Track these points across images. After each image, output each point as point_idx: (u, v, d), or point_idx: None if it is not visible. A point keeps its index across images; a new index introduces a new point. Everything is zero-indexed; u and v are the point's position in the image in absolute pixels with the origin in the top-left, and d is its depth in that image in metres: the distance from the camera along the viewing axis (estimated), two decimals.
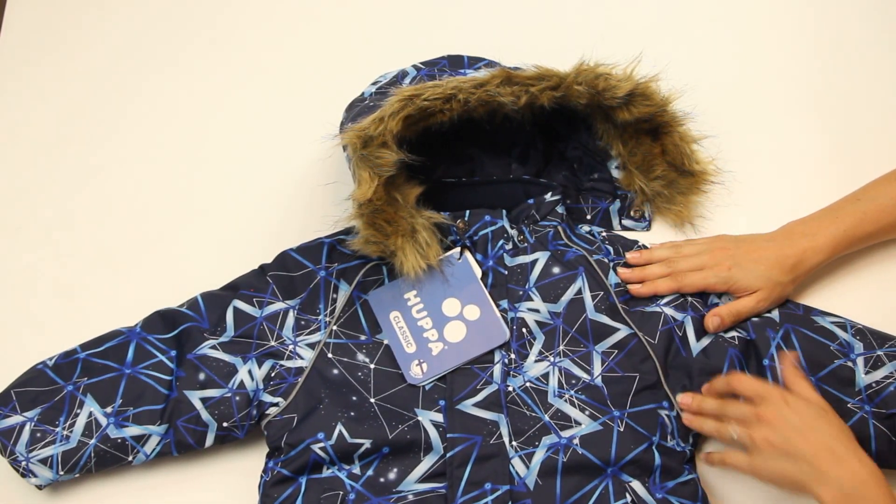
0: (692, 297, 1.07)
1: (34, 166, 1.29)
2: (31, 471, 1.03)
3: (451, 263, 1.09)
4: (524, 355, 1.06)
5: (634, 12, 1.34)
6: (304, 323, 1.09)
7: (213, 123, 1.31)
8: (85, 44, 1.39)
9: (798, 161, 1.21)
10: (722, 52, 1.29)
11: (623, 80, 1.06)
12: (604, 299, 1.07)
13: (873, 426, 0.99)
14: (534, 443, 1.02)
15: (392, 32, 1.36)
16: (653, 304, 1.07)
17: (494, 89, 1.02)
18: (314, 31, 1.38)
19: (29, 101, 1.35)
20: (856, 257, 1.13)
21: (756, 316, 1.06)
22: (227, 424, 1.05)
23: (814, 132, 1.23)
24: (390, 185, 1.03)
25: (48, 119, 1.33)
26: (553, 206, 1.12)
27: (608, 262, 1.10)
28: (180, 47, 1.37)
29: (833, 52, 1.28)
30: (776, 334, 1.04)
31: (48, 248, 1.23)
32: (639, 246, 1.12)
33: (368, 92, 1.09)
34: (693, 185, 1.14)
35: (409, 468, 1.02)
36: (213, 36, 1.38)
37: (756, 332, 1.04)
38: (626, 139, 1.13)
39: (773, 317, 1.06)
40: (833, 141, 1.22)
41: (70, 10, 1.42)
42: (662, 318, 1.06)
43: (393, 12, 1.38)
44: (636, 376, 1.04)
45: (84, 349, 1.08)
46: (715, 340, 1.05)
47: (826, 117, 1.24)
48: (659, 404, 1.04)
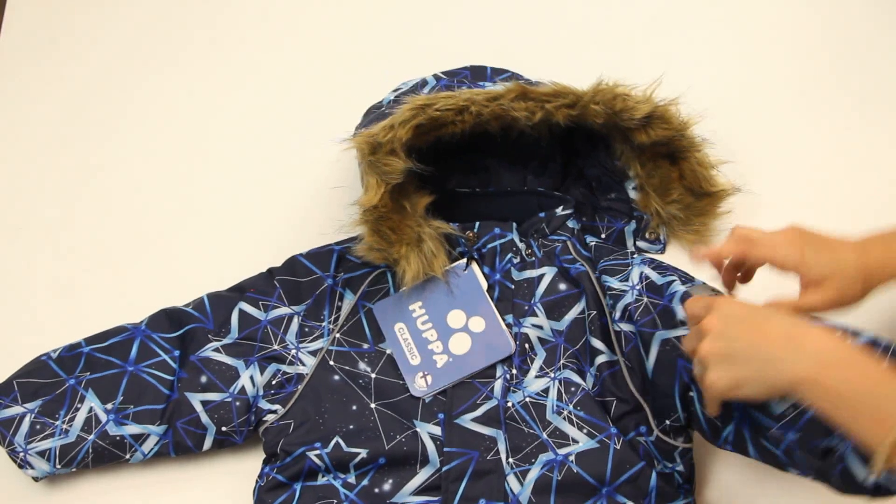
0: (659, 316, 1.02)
1: (34, 166, 1.31)
2: (28, 462, 1.03)
3: (456, 275, 1.08)
4: (525, 371, 1.05)
5: (657, 35, 1.33)
6: (308, 330, 1.09)
7: (213, 123, 1.32)
8: (85, 44, 1.41)
9: (820, 187, 1.19)
10: (743, 77, 1.28)
11: (642, 101, 1.05)
12: (595, 319, 1.06)
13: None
14: (530, 460, 1.00)
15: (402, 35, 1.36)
16: (624, 322, 1.04)
17: (508, 103, 1.02)
18: (321, 31, 1.38)
19: (29, 101, 1.36)
20: None
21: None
22: (226, 429, 1.05)
23: (836, 158, 1.21)
24: (399, 194, 1.03)
25: (48, 119, 1.34)
26: (564, 220, 1.11)
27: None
28: (181, 47, 1.39)
29: (856, 79, 1.26)
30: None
31: (48, 248, 1.24)
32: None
33: (387, 99, 1.10)
34: (710, 205, 1.13)
35: (404, 480, 1.01)
36: (214, 36, 1.39)
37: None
38: (644, 161, 1.12)
39: None
40: (857, 166, 1.20)
41: (70, 10, 1.44)
42: (626, 336, 1.03)
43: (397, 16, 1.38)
44: (613, 400, 1.02)
45: (88, 343, 1.08)
46: (662, 348, 1.00)
47: (849, 144, 1.22)
48: (637, 430, 1.01)
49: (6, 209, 1.28)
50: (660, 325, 1.00)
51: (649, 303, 1.02)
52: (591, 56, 1.29)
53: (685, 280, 1.03)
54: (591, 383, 1.04)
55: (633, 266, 1.07)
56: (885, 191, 1.18)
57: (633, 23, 1.34)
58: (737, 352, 0.82)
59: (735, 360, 0.82)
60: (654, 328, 1.00)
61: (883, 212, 1.16)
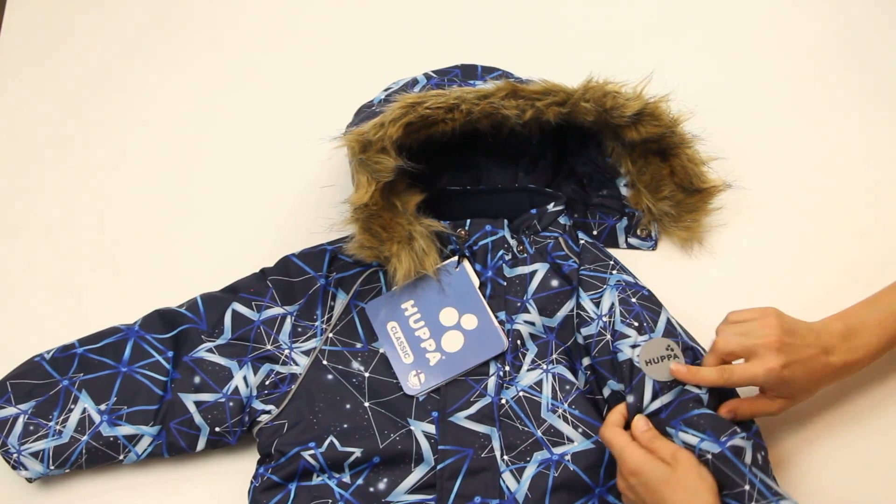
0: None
1: (34, 166, 1.31)
2: (22, 463, 1.03)
3: (448, 273, 1.09)
4: (518, 367, 1.05)
5: (646, 32, 1.33)
6: (301, 330, 1.09)
7: (213, 123, 1.32)
8: (85, 44, 1.40)
9: (811, 183, 1.19)
10: (733, 73, 1.28)
11: (632, 98, 1.05)
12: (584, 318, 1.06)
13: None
14: (525, 458, 1.00)
15: (394, 35, 1.36)
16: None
17: (499, 101, 1.02)
18: (317, 31, 1.38)
19: (29, 101, 1.36)
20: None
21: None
22: (220, 429, 1.05)
23: (827, 154, 1.21)
24: (390, 192, 1.03)
25: (48, 119, 1.34)
26: (555, 216, 1.11)
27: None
28: (181, 47, 1.39)
29: (848, 74, 1.26)
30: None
31: (48, 248, 1.24)
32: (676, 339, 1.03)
33: (378, 98, 1.10)
34: (701, 201, 1.13)
35: (399, 479, 1.01)
36: (214, 36, 1.39)
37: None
38: (635, 158, 1.12)
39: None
40: (848, 162, 1.20)
41: (70, 10, 1.44)
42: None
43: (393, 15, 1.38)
44: (606, 400, 1.02)
45: (82, 344, 1.08)
46: (613, 396, 1.01)
47: (841, 140, 1.22)
48: None
49: (6, 209, 1.28)
50: (613, 374, 1.00)
51: (608, 344, 1.02)
52: (581, 54, 1.29)
53: (644, 329, 1.01)
54: (582, 381, 1.04)
55: (607, 288, 1.05)
56: (875, 187, 1.18)
57: (623, 21, 1.34)
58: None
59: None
60: (607, 373, 1.01)
61: (872, 208, 1.17)
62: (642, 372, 0.97)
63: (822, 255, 1.15)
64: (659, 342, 0.99)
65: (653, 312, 1.02)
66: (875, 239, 1.15)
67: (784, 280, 1.13)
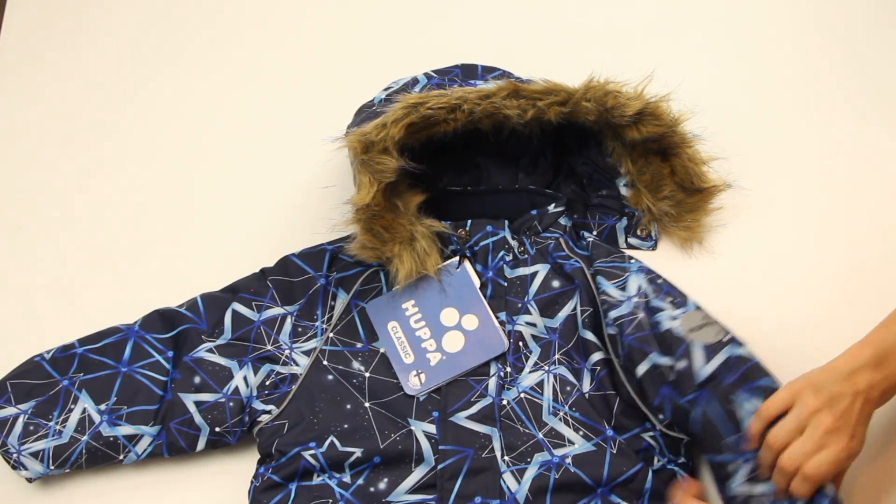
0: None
1: (34, 166, 1.30)
2: (22, 463, 1.03)
3: (449, 273, 1.09)
4: (519, 368, 1.05)
5: (647, 32, 1.33)
6: (301, 330, 1.09)
7: (213, 123, 1.31)
8: (85, 44, 1.40)
9: (811, 183, 1.19)
10: (734, 73, 1.28)
11: (633, 98, 1.06)
12: (591, 315, 1.06)
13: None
14: (526, 459, 1.00)
15: (396, 34, 1.36)
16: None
17: (500, 101, 1.02)
18: (318, 31, 1.38)
19: (29, 101, 1.36)
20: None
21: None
22: (220, 429, 1.05)
23: (827, 154, 1.21)
24: (391, 192, 1.03)
25: (48, 119, 1.34)
26: (556, 217, 1.11)
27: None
28: (181, 47, 1.38)
29: (848, 74, 1.27)
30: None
31: (48, 248, 1.24)
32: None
33: (378, 98, 1.10)
34: (701, 201, 1.13)
35: (399, 479, 1.01)
36: (214, 36, 1.39)
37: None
38: (636, 158, 1.12)
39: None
40: (848, 162, 1.20)
41: (70, 10, 1.43)
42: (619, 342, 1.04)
43: (396, 14, 1.38)
44: (617, 395, 1.03)
45: (82, 344, 1.08)
46: (652, 370, 1.01)
47: (841, 140, 1.22)
48: (643, 426, 1.02)
49: (6, 209, 1.27)
50: (655, 347, 1.01)
51: (644, 320, 1.02)
52: (582, 54, 1.29)
53: (678, 304, 1.03)
54: (588, 380, 1.04)
55: (630, 273, 1.06)
56: (875, 187, 1.18)
57: (623, 21, 1.34)
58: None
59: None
60: (647, 347, 1.01)
61: (873, 208, 1.17)
62: (686, 340, 0.99)
63: (822, 255, 1.15)
64: (695, 313, 1.02)
65: (679, 291, 1.05)
66: (875, 239, 1.15)
67: (784, 280, 1.14)
